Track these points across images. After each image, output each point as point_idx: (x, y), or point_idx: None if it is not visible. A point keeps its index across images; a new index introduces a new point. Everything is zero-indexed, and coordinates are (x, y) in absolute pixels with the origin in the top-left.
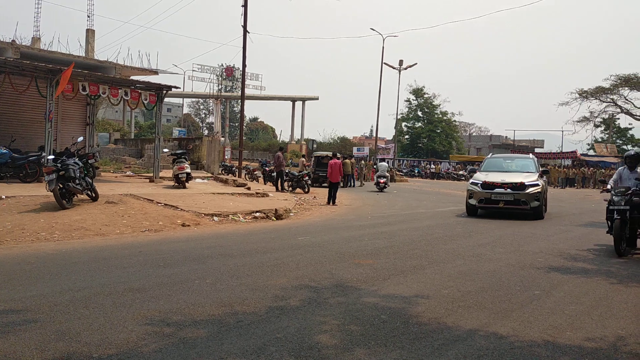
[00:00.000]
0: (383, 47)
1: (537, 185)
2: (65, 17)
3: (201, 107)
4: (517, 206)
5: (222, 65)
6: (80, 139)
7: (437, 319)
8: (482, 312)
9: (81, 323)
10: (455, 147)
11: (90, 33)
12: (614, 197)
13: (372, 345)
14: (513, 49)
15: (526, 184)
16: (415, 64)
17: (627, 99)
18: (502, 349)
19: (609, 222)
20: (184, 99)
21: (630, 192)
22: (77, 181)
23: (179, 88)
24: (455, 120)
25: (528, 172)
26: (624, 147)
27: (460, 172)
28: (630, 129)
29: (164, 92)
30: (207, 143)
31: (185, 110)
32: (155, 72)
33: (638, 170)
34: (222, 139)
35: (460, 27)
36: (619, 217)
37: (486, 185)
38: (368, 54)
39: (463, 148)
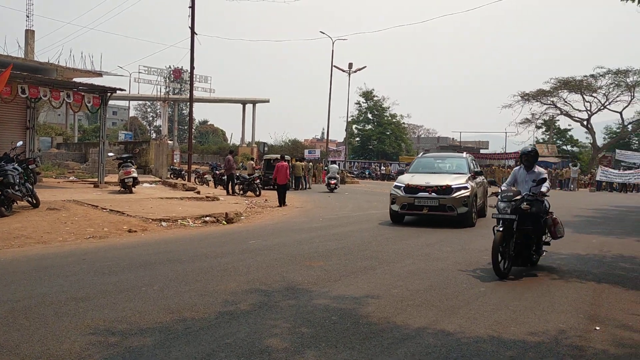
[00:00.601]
0: (333, 50)
1: (465, 188)
2: (2, 17)
3: (148, 110)
4: (443, 212)
5: (169, 67)
6: (20, 143)
7: (387, 318)
8: (431, 310)
9: (20, 335)
10: (405, 148)
11: (29, 34)
12: (499, 203)
13: (322, 347)
14: (460, 53)
15: (453, 187)
16: (365, 67)
17: (566, 101)
18: (449, 346)
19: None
20: (130, 101)
21: (519, 197)
22: (16, 187)
23: (125, 90)
24: (404, 123)
25: (458, 173)
26: (564, 147)
27: None
28: (570, 130)
29: (109, 94)
30: (154, 146)
31: (132, 113)
32: (99, 74)
33: (536, 171)
34: (171, 142)
35: (408, 31)
36: (500, 229)
37: (409, 188)
38: (318, 57)
39: (412, 150)
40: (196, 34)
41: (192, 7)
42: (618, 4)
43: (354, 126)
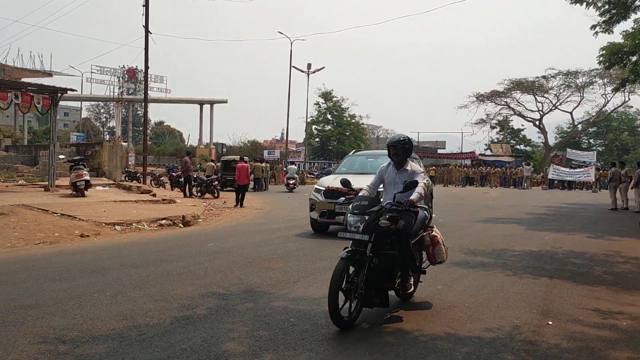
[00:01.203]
0: (291, 51)
1: None
2: None
3: (102, 110)
4: None
5: (123, 66)
6: None
7: None
8: (388, 309)
9: None
10: (364, 149)
11: None
12: (348, 215)
13: (281, 349)
14: (417, 54)
15: (379, 190)
16: (323, 67)
17: (519, 102)
18: (406, 344)
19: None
20: (83, 102)
21: (378, 208)
22: None
23: (76, 91)
24: (363, 123)
25: None
26: (518, 147)
27: None
28: (523, 129)
29: (59, 95)
30: (108, 148)
31: (84, 114)
32: (49, 73)
33: (408, 169)
34: (125, 143)
35: (367, 32)
36: (344, 257)
37: (330, 192)
38: (277, 57)
39: (372, 150)
40: (150, 33)
41: (146, 5)
42: (569, 6)
43: (313, 127)
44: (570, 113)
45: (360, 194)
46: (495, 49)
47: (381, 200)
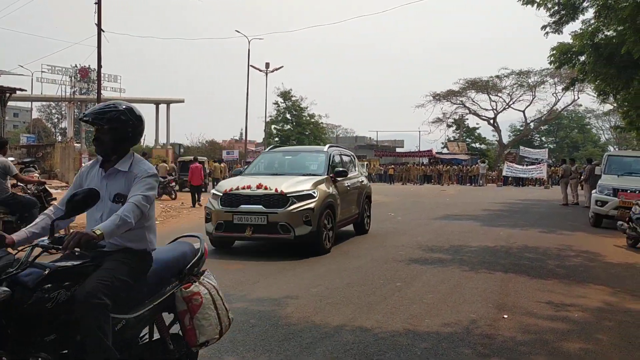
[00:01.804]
0: (249, 50)
1: (309, 197)
2: None
3: (53, 111)
4: (274, 235)
5: (75, 66)
6: None
7: (306, 317)
8: (349, 308)
9: None
10: None
11: None
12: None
13: (240, 351)
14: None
15: (289, 195)
16: (282, 66)
17: (474, 101)
18: (366, 342)
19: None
20: (33, 102)
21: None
22: None
23: (26, 90)
24: (322, 123)
25: (310, 174)
26: (473, 145)
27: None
28: (478, 128)
29: (8, 95)
30: (60, 150)
31: (35, 115)
32: None
33: (124, 170)
34: (78, 145)
35: (325, 31)
36: None
37: (228, 198)
38: (235, 56)
39: None
40: (103, 31)
41: (99, 3)
42: (521, 7)
43: (272, 126)
44: (523, 112)
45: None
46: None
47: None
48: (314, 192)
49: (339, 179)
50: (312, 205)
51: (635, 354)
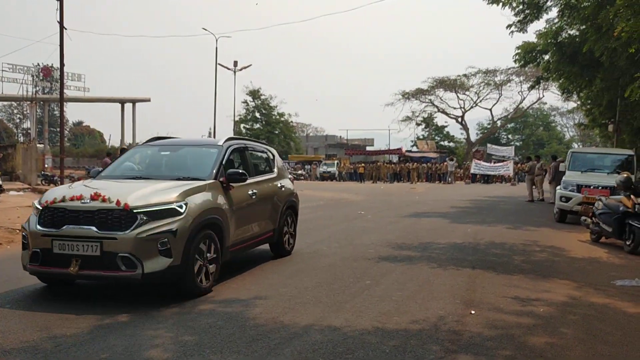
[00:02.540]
0: (216, 48)
1: (170, 213)
2: None
3: (15, 111)
4: (109, 272)
5: (37, 64)
6: None
7: (274, 318)
8: (318, 307)
9: None
10: (294, 147)
11: None
12: None
13: (206, 353)
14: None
15: (136, 210)
16: (250, 65)
17: (442, 99)
18: (335, 341)
19: None
20: None
21: None
22: None
23: None
24: (292, 121)
25: (186, 178)
26: (442, 143)
27: (300, 172)
28: (446, 126)
29: None
30: (22, 151)
31: None
32: None
33: None
34: (41, 145)
35: (294, 29)
36: None
37: (49, 214)
38: (202, 54)
39: (301, 148)
40: (66, 29)
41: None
42: (487, 7)
43: (242, 125)
44: (490, 110)
45: None
46: (419, 48)
47: None
48: (180, 206)
49: (234, 184)
50: (173, 227)
51: (599, 347)
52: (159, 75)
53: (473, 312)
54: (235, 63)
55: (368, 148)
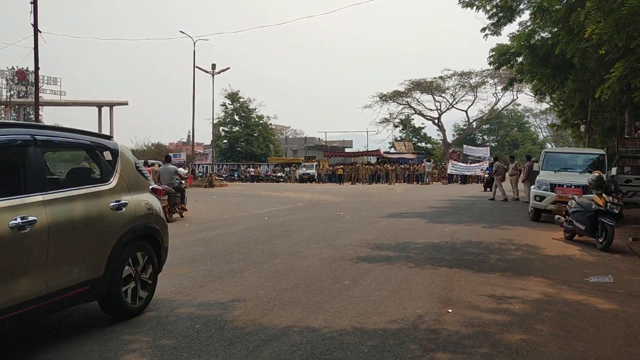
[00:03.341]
0: (194, 51)
1: None
2: None
3: None
4: None
5: (12, 68)
6: None
7: (253, 320)
8: (297, 308)
9: None
10: (273, 149)
11: None
12: None
13: (184, 357)
14: (320, 54)
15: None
16: (228, 68)
17: (419, 101)
18: (314, 342)
19: None
20: None
21: None
22: None
23: None
24: (271, 124)
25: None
26: (419, 144)
27: (279, 174)
28: (423, 128)
29: None
30: None
31: None
32: None
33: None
34: None
35: (271, 32)
36: None
37: None
38: (181, 57)
39: (281, 150)
40: (40, 32)
41: (34, 2)
42: (462, 10)
43: (220, 128)
44: (466, 111)
45: None
46: (394, 50)
47: None
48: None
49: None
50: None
51: (573, 343)
52: (136, 78)
53: (450, 310)
54: (214, 66)
55: (347, 150)
